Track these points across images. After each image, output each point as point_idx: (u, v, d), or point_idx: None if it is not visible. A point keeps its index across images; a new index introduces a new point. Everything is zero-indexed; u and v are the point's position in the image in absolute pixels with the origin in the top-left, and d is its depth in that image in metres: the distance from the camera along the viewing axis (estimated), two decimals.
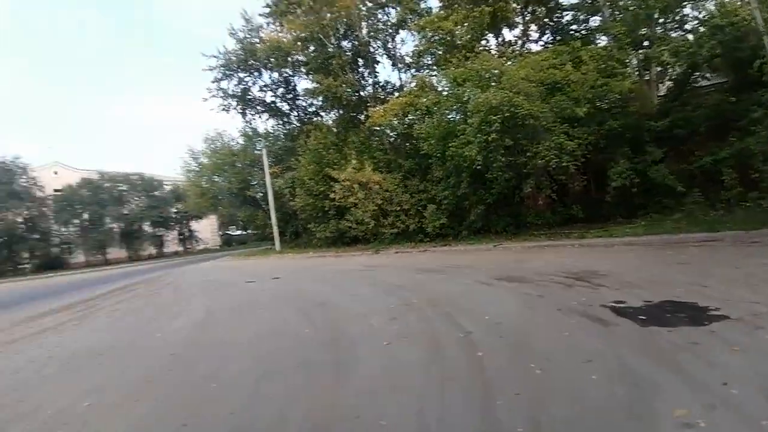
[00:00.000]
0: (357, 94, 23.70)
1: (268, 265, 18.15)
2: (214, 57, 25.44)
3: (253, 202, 32.74)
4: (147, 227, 38.28)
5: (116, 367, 5.08)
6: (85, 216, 34.58)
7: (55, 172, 36.58)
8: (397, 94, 23.05)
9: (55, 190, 34.01)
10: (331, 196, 20.99)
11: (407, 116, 20.40)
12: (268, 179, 26.47)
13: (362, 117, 23.95)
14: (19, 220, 30.94)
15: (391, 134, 22.98)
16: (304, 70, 25.04)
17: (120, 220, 36.07)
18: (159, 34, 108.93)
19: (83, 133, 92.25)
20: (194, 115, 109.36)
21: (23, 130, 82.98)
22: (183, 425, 3.22)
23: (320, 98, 24.55)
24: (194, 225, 42.77)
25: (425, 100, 18.62)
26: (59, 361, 5.61)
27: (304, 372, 4.14)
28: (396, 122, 20.38)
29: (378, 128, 21.99)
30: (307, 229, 26.36)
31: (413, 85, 21.52)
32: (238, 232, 60.29)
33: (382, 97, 23.30)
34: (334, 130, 25.74)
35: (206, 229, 43.23)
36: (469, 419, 2.88)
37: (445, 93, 18.37)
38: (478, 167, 15.28)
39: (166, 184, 39.88)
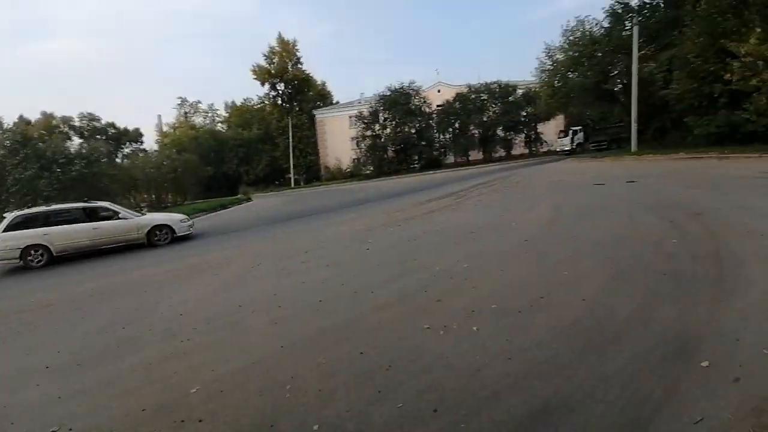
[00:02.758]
0: None
1: (621, 168, 16.12)
2: None
3: (609, 96, 28.65)
4: (500, 131, 42.25)
5: (484, 243, 6.35)
6: (456, 125, 42.28)
7: (438, 91, 45.85)
8: None
9: (438, 106, 42.97)
10: (726, 77, 15.20)
11: None
12: (634, 64, 22.06)
13: None
14: (413, 131, 41.94)
15: None
16: None
17: (480, 127, 41.69)
18: None
19: (457, 52, 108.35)
20: (558, 11, 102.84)
21: (418, 58, 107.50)
22: (540, 297, 3.72)
23: None
24: (540, 127, 43.19)
25: None
26: (444, 234, 7.50)
27: (671, 281, 3.67)
28: None
29: None
30: (678, 124, 20.87)
31: None
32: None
33: None
34: None
35: (551, 131, 42.80)
36: None
37: None
38: None
39: (520, 89, 41.54)
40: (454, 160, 45.41)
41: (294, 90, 48.22)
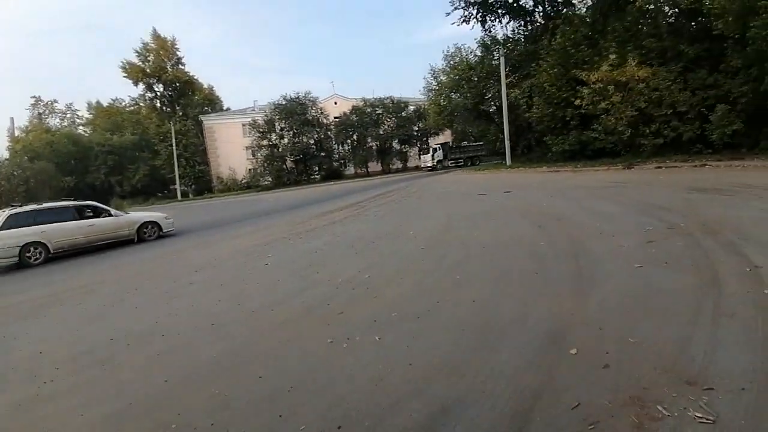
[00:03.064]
0: None
1: (499, 180, 18.28)
2: None
3: (486, 116, 32.52)
4: (395, 144, 44.44)
5: (384, 251, 6.55)
6: (354, 137, 43.17)
7: (335, 103, 46.33)
8: None
9: (335, 118, 43.38)
10: (576, 102, 18.39)
11: None
12: (503, 90, 25.38)
13: None
14: (312, 142, 41.71)
15: (670, 13, 17.45)
16: None
17: (377, 139, 43.30)
18: None
19: (351, 66, 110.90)
20: (440, 37, 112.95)
21: (312, 68, 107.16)
22: (437, 302, 3.95)
23: None
24: (432, 141, 46.73)
25: None
26: (345, 245, 7.55)
27: (542, 279, 4.23)
28: None
29: (651, 6, 16.99)
30: (541, 143, 24.53)
31: None
32: None
33: None
34: (588, 20, 21.51)
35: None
36: (742, 356, 2.40)
37: None
38: None
39: (411, 105, 44.35)
40: (354, 171, 46.20)
41: (176, 92, 44.01)
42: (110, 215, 11.37)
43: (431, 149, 40.10)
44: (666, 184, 10.26)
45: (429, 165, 38.91)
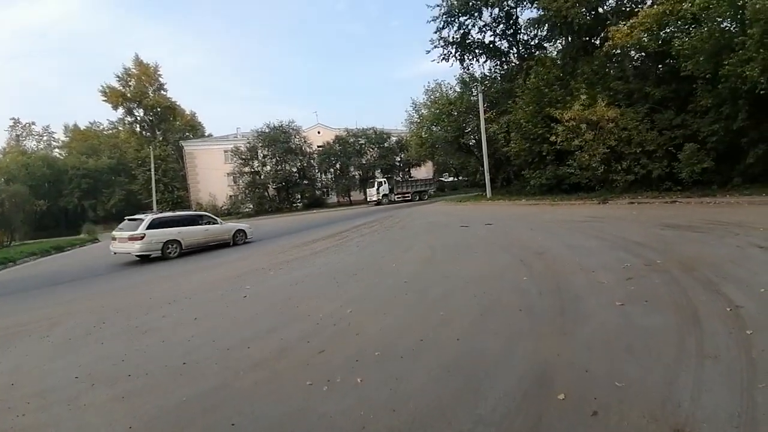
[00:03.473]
0: (593, 12, 20.03)
1: (480, 212, 18.57)
2: (437, 6, 26.19)
3: (466, 149, 33.42)
4: (378, 174, 44.93)
5: (366, 285, 6.43)
6: (337, 165, 43.52)
7: (319, 132, 46.84)
8: (649, 2, 18.20)
9: (318, 146, 43.76)
10: (551, 138, 19.13)
11: (663, 30, 15.98)
12: (482, 125, 26.28)
13: (597, 42, 20.42)
14: (294, 170, 41.73)
15: (636, 57, 18.71)
16: None
17: (359, 168, 43.75)
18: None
19: (334, 97, 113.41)
20: (420, 73, 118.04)
21: (296, 98, 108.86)
22: (420, 340, 3.86)
23: (545, 27, 22.32)
24: (413, 172, 47.48)
25: (689, 5, 14.02)
26: (327, 277, 7.34)
27: (526, 315, 4.20)
28: (646, 39, 16.25)
29: (618, 51, 18.19)
30: (519, 176, 25.27)
31: None
32: (451, 179, 63.57)
33: (628, 9, 18.85)
34: (559, 62, 22.84)
35: (423, 175, 47.49)
36: (727, 400, 2.40)
37: None
38: (762, 92, 11.01)
39: (393, 136, 45.28)
40: (336, 199, 46.24)
41: (156, 117, 43.71)
42: (217, 223, 14.50)
43: (376, 183, 38.75)
44: (640, 219, 10.61)
45: (374, 199, 37.59)
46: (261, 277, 8.08)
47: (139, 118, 43.67)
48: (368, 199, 39.11)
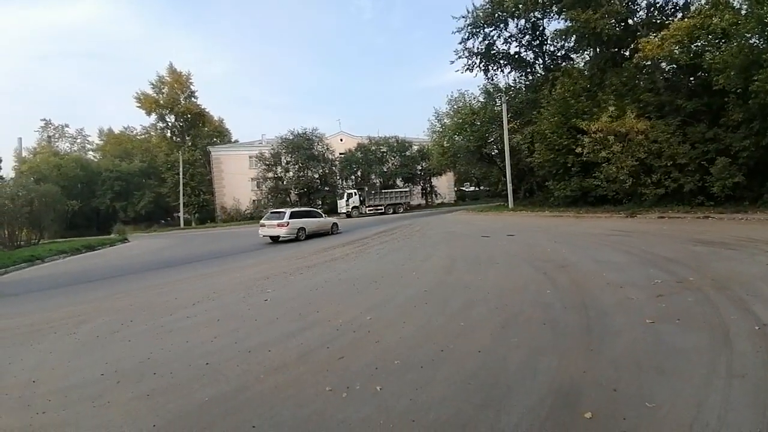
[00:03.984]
0: (623, 23, 19.66)
1: (501, 222, 18.29)
2: (463, 17, 26.29)
3: (489, 159, 33.10)
4: (399, 182, 45.02)
5: (387, 292, 6.41)
6: (359, 173, 43.90)
7: (341, 140, 47.53)
8: (680, 15, 17.75)
9: (340, 154, 44.32)
10: (577, 150, 18.75)
11: (694, 43, 15.53)
12: (506, 135, 26.01)
13: (626, 53, 20.04)
14: (316, 176, 42.35)
15: (667, 69, 18.18)
16: (555, 9, 22.82)
17: (380, 176, 43.96)
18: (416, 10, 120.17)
19: (357, 105, 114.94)
20: (444, 82, 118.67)
21: (320, 107, 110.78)
22: (440, 350, 3.81)
23: (573, 38, 22.00)
24: (434, 181, 47.32)
25: (719, 20, 13.62)
26: (347, 284, 7.39)
27: (550, 330, 4.09)
28: (677, 52, 15.81)
29: (648, 63, 17.76)
30: (543, 187, 24.81)
31: (703, 1, 16.06)
32: (472, 188, 63.09)
33: (659, 21, 18.42)
34: (587, 73, 22.47)
35: (444, 184, 47.35)
36: (749, 421, 2.31)
37: (744, 11, 13.12)
38: None
39: (415, 145, 45.37)
40: None
41: (187, 123, 45.23)
42: (323, 217, 19.87)
43: (346, 194, 37.43)
44: (670, 235, 10.23)
45: (343, 211, 36.24)
46: (282, 281, 8.18)
47: (170, 123, 45.27)
48: (338, 211, 37.15)
